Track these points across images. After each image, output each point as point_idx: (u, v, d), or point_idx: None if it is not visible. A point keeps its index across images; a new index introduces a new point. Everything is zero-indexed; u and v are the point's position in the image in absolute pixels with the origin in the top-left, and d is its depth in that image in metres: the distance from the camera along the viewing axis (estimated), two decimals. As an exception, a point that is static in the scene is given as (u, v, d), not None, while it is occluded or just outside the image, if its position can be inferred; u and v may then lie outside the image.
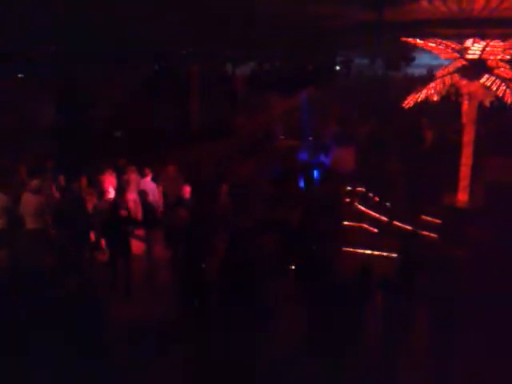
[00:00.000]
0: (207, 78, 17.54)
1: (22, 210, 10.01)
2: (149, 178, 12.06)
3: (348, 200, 13.48)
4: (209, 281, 8.26)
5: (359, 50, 16.55)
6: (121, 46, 14.60)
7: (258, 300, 7.81)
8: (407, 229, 11.17)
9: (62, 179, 11.71)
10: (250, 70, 18.16)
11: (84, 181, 11.56)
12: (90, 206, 10.62)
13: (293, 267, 9.16)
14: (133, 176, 11.98)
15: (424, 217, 12.05)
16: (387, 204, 13.17)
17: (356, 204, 13.43)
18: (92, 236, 10.57)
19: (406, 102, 11.89)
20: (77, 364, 6.70)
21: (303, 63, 15.85)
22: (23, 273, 8.38)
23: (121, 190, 11.11)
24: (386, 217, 12.58)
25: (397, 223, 12.04)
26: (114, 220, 9.76)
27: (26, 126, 14.57)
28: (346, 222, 11.80)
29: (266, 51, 16.10)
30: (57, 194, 11.23)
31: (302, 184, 14.00)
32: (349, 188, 14.12)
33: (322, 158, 14.66)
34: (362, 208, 13.33)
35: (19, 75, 15.31)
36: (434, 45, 12.08)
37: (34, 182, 10.02)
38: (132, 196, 11.10)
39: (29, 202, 9.92)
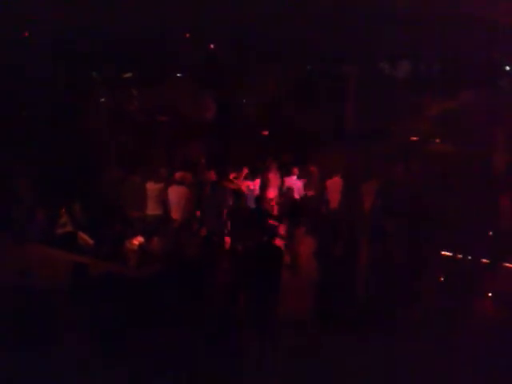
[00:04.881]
0: (364, 79, 17.13)
1: (169, 199, 10.58)
2: (294, 177, 12.12)
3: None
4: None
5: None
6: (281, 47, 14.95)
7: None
8: None
9: (211, 174, 12.17)
10: (408, 70, 17.40)
11: (232, 178, 11.93)
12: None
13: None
14: (274, 175, 12.09)
15: None
16: None
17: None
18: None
19: None
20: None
21: (467, 62, 14.76)
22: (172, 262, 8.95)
23: (263, 186, 11.36)
24: None
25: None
26: (258, 214, 10.27)
27: (182, 123, 15.37)
28: None
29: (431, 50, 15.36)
30: (205, 189, 11.72)
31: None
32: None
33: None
34: None
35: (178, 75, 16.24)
36: None
37: (179, 174, 10.59)
38: (272, 194, 11.28)
39: (173, 192, 10.50)
